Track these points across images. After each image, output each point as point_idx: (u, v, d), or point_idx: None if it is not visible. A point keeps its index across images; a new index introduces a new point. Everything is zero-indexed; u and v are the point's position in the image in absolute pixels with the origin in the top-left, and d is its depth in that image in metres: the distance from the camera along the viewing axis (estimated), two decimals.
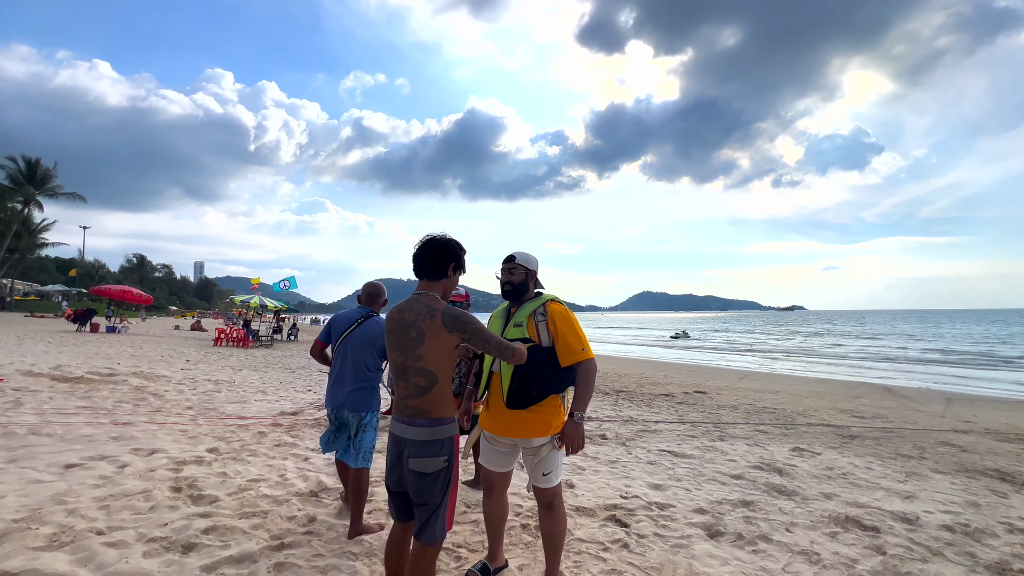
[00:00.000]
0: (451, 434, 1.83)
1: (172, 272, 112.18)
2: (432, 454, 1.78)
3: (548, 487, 2.26)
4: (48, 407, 5.43)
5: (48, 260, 59.05)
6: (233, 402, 6.73)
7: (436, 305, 1.84)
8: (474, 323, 1.84)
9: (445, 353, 1.82)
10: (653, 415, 7.55)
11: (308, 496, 3.32)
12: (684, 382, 13.35)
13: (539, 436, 2.22)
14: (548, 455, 2.23)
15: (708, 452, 5.15)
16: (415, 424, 1.80)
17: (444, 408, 1.83)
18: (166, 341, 18.09)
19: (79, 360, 9.93)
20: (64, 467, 3.50)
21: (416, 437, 1.79)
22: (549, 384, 2.23)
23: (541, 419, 2.23)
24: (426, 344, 1.79)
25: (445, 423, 1.82)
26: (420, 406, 1.81)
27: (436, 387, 1.80)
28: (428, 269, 1.90)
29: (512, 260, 2.39)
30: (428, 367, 1.80)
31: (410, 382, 1.82)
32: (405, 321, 1.85)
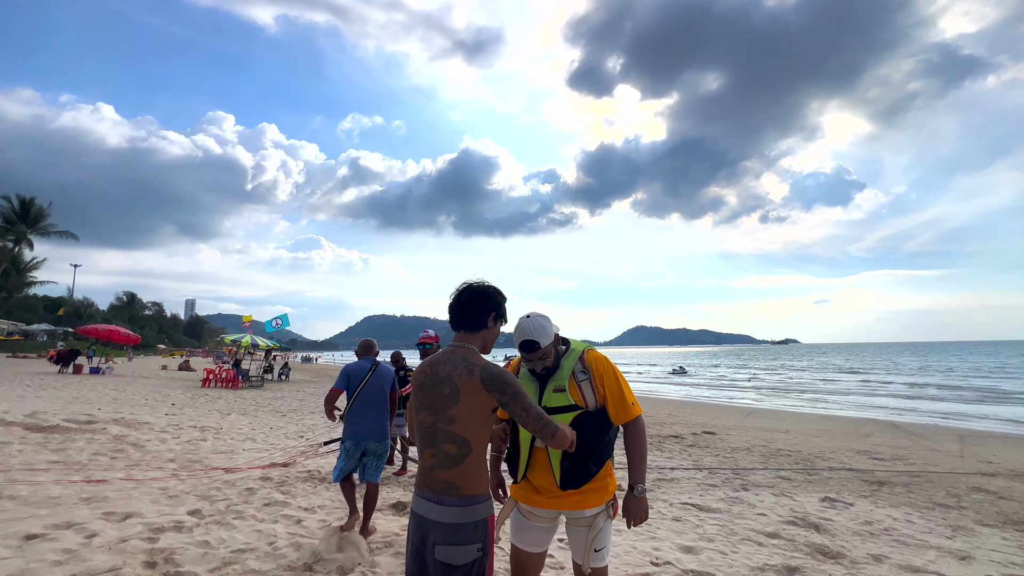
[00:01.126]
0: (486, 515, 1.54)
1: (163, 310, 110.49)
2: (464, 540, 1.48)
3: (601, 566, 1.93)
4: (16, 461, 4.98)
5: (36, 299, 57.99)
6: (220, 452, 6.28)
7: (475, 360, 1.60)
8: (515, 385, 1.55)
9: (482, 417, 1.56)
10: (667, 460, 7.15)
11: (301, 570, 2.92)
12: (690, 421, 12.93)
13: (595, 505, 1.90)
14: (604, 527, 1.92)
15: (735, 505, 4.78)
16: (443, 503, 1.51)
17: (478, 483, 1.55)
18: (152, 383, 17.43)
19: (57, 406, 9.39)
20: (23, 538, 3.08)
21: (444, 519, 1.50)
22: (604, 454, 1.92)
23: (599, 488, 1.92)
24: (461, 404, 1.54)
25: (479, 501, 1.54)
26: (450, 480, 1.52)
27: (470, 457, 1.53)
28: (466, 320, 1.68)
29: (536, 348, 1.90)
30: (461, 432, 1.53)
31: (439, 449, 1.55)
32: (439, 376, 1.60)
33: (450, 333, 1.85)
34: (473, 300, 1.69)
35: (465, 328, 1.68)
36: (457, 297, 1.72)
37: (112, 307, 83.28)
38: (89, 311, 68.12)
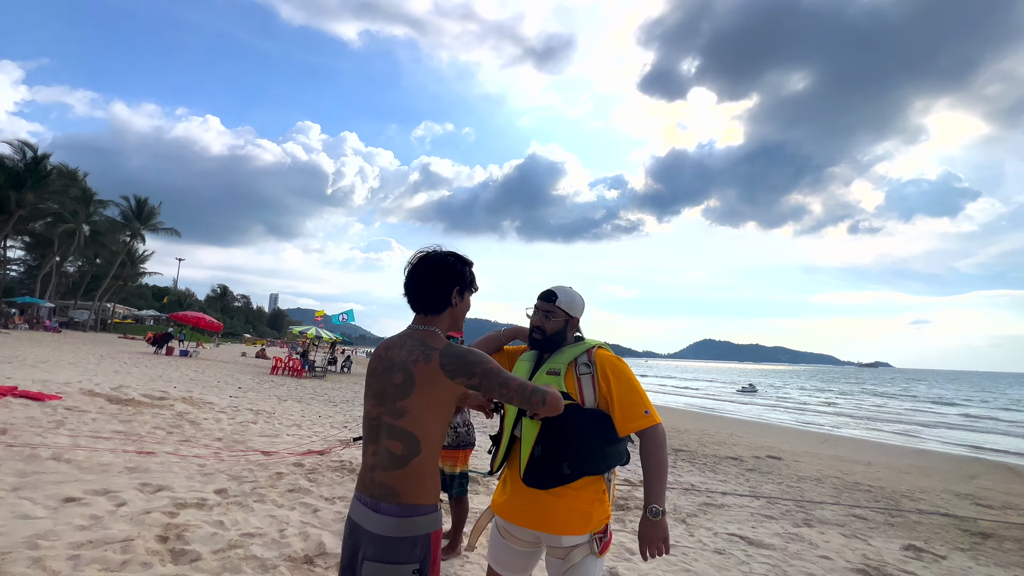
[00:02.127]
0: (428, 530, 1.28)
1: (250, 302, 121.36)
2: (397, 559, 1.23)
3: None
4: (86, 428, 5.44)
5: (146, 288, 65.51)
6: (265, 435, 6.53)
7: (433, 342, 1.35)
8: (485, 362, 1.32)
9: (438, 410, 1.32)
10: (719, 484, 6.51)
11: (301, 562, 2.84)
12: (754, 443, 11.87)
13: (573, 533, 1.59)
14: (583, 562, 1.58)
15: (793, 542, 4.17)
16: (379, 510, 1.27)
17: (424, 491, 1.30)
18: (229, 367, 18.90)
19: (141, 382, 10.35)
20: (62, 501, 3.27)
21: (378, 530, 1.26)
22: (587, 461, 1.60)
23: (577, 508, 1.60)
24: (414, 395, 1.29)
25: (421, 513, 1.28)
26: (390, 483, 1.28)
27: (416, 459, 1.28)
28: (424, 301, 1.42)
29: (552, 299, 1.78)
30: (410, 428, 1.29)
31: (381, 446, 1.31)
32: (392, 361, 1.36)
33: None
34: (430, 275, 1.41)
35: (425, 311, 1.43)
36: (411, 273, 1.44)
37: (208, 297, 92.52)
38: (188, 300, 75.91)
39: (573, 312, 1.81)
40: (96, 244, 41.77)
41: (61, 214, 35.07)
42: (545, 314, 1.79)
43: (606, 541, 1.63)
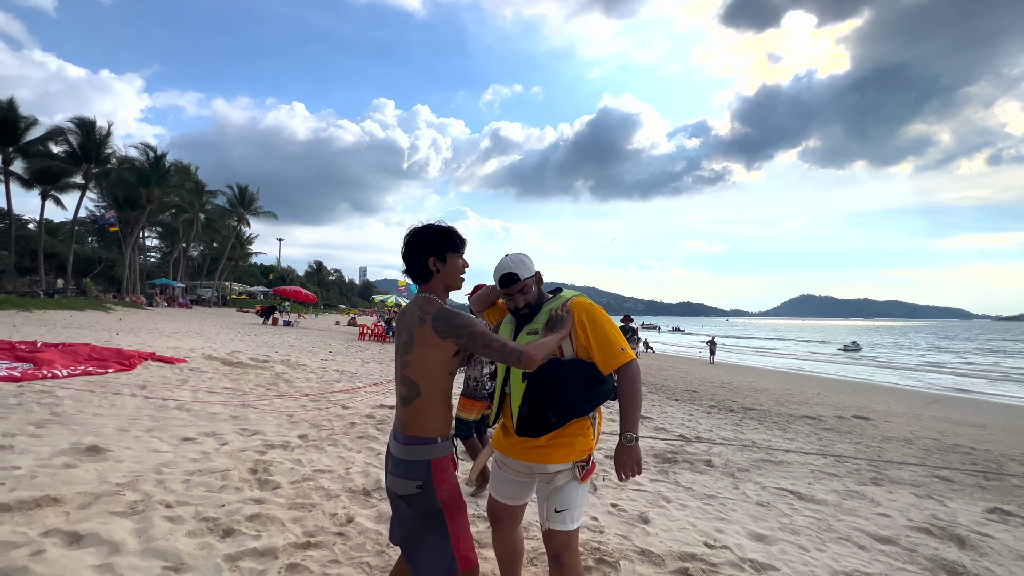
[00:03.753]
0: (428, 457, 1.58)
1: (342, 276, 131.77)
2: (403, 474, 1.58)
3: (561, 529, 1.77)
4: (203, 386, 6.49)
5: (254, 266, 73.49)
6: (346, 391, 7.33)
7: (429, 307, 1.63)
8: (471, 326, 1.57)
9: (436, 362, 1.60)
10: (785, 441, 6.27)
11: (359, 494, 3.29)
12: (842, 403, 11.07)
13: (557, 462, 1.78)
14: (566, 486, 1.77)
15: (849, 499, 4.00)
16: (396, 438, 1.65)
17: (426, 426, 1.60)
18: (323, 335, 20.97)
19: (249, 348, 11.91)
20: (181, 440, 4.04)
21: (395, 453, 1.63)
22: (572, 408, 1.77)
23: (561, 442, 1.80)
24: (414, 351, 1.60)
25: (423, 443, 1.59)
26: (402, 418, 1.64)
27: (417, 400, 1.60)
28: (412, 273, 1.71)
29: (515, 280, 1.84)
30: (412, 376, 1.61)
31: (398, 390, 1.68)
32: (402, 323, 1.70)
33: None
34: (407, 252, 1.69)
35: (417, 282, 1.71)
36: (402, 250, 1.71)
37: (306, 273, 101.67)
38: (290, 276, 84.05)
39: (532, 272, 1.89)
40: (211, 230, 47.36)
41: (181, 205, 40.08)
42: (521, 293, 1.86)
43: (588, 469, 1.80)
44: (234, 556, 2.34)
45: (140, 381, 6.25)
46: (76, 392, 5.28)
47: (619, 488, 3.86)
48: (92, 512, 2.60)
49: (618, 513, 3.36)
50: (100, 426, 4.17)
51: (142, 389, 5.79)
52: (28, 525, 2.39)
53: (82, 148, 30.82)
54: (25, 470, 3.04)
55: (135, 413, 4.70)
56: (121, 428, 4.17)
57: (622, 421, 1.80)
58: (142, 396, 5.44)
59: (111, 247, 44.56)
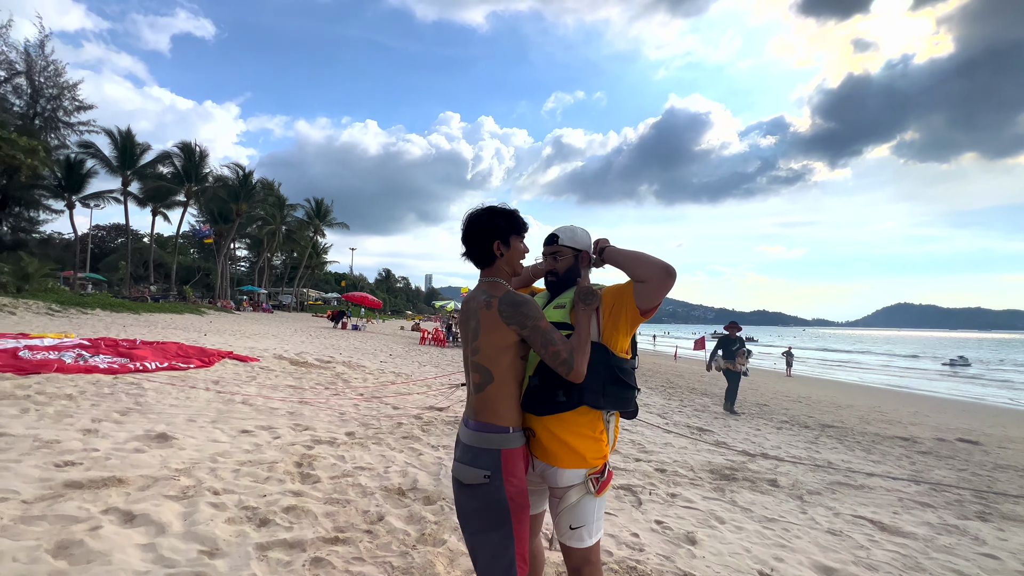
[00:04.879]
0: (499, 447, 1.53)
1: (409, 283, 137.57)
2: (471, 461, 1.54)
3: (577, 547, 1.63)
4: (269, 383, 6.92)
5: (329, 274, 78.48)
6: (399, 393, 7.51)
7: (494, 291, 1.60)
8: (536, 319, 1.53)
9: (503, 347, 1.56)
10: (869, 464, 5.58)
11: (394, 493, 3.30)
12: (944, 424, 9.75)
13: (566, 466, 1.61)
14: (579, 501, 1.61)
15: (945, 534, 3.44)
16: (467, 425, 1.63)
17: (498, 413, 1.57)
18: (387, 339, 21.84)
19: (317, 349, 12.62)
20: (239, 432, 4.29)
21: (465, 439, 1.60)
22: (584, 392, 1.59)
23: (570, 443, 1.61)
24: (482, 336, 1.58)
25: (495, 431, 1.55)
26: (474, 405, 1.62)
27: (490, 386, 1.57)
28: (475, 257, 1.67)
29: (554, 241, 1.82)
30: (483, 363, 1.58)
31: (470, 377, 1.65)
32: (468, 310, 1.67)
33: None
34: (472, 235, 1.64)
35: (480, 266, 1.67)
36: (463, 233, 1.66)
37: (376, 280, 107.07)
38: (361, 284, 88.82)
39: (578, 245, 1.82)
40: (291, 241, 51.25)
41: (265, 218, 43.74)
42: (553, 256, 1.83)
43: (604, 481, 1.64)
44: (265, 545, 2.40)
45: (215, 377, 6.77)
46: (160, 385, 5.81)
47: (666, 504, 3.58)
48: (148, 494, 2.79)
49: (662, 531, 3.11)
50: (172, 416, 4.53)
51: (215, 384, 6.27)
52: (92, 502, 2.60)
53: (184, 169, 34.63)
54: (102, 452, 3.34)
55: (204, 406, 5.08)
56: (189, 419, 4.51)
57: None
58: (214, 390, 5.88)
59: (208, 257, 49.49)
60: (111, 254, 45.73)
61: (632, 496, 3.69)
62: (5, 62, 27.92)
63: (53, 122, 30.09)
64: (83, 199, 31.47)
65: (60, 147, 29.74)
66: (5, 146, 20.03)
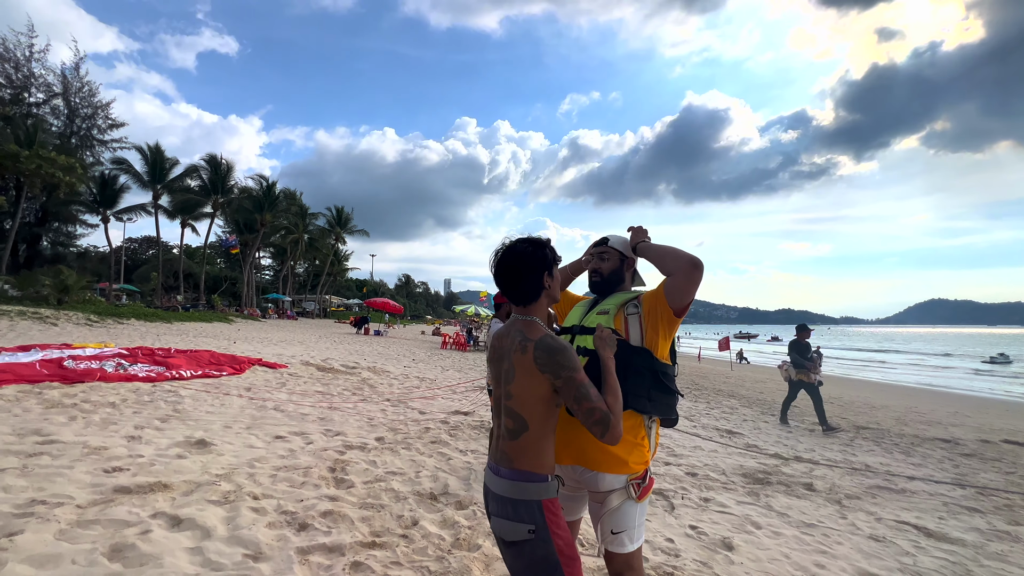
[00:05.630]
0: (539, 497, 1.41)
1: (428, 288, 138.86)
2: (512, 516, 1.41)
3: (619, 552, 1.63)
4: (298, 389, 7.06)
5: (350, 281, 79.74)
6: (424, 398, 7.58)
7: (532, 334, 1.47)
8: (572, 369, 1.40)
9: (538, 396, 1.44)
10: (909, 467, 5.39)
11: (426, 497, 3.34)
12: (987, 425, 9.36)
13: (607, 471, 1.62)
14: (621, 506, 1.62)
15: (997, 540, 3.31)
16: (499, 473, 1.47)
17: (535, 461, 1.44)
18: (409, 343, 22.06)
19: (342, 355, 12.83)
20: (274, 437, 4.39)
21: (498, 490, 1.46)
22: (628, 395, 1.60)
23: (609, 448, 1.62)
24: (516, 381, 1.46)
25: (531, 480, 1.42)
26: (507, 452, 1.47)
27: (526, 434, 1.45)
28: (519, 295, 1.52)
29: (604, 243, 1.94)
30: (517, 409, 1.46)
31: (502, 420, 1.52)
32: (502, 350, 1.55)
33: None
34: (516, 271, 1.50)
35: (523, 303, 1.53)
36: (498, 272, 1.53)
37: (396, 286, 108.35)
38: (382, 290, 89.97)
39: (626, 251, 1.91)
40: (313, 249, 52.26)
41: (288, 227, 44.74)
42: (600, 256, 1.92)
43: (645, 486, 1.65)
44: (305, 550, 2.46)
45: (247, 384, 6.95)
46: (195, 392, 5.99)
47: (700, 509, 3.53)
48: (192, 499, 2.88)
49: (697, 536, 3.07)
50: (209, 422, 4.67)
51: (247, 391, 6.44)
52: (141, 507, 2.70)
53: (211, 182, 35.72)
54: (146, 458, 3.47)
55: (239, 412, 5.22)
56: (226, 425, 4.64)
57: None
58: (247, 397, 6.03)
59: (234, 267, 50.83)
60: (143, 265, 47.38)
61: (665, 501, 3.65)
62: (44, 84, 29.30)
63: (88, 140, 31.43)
64: (117, 213, 32.72)
65: (95, 164, 31.04)
66: (45, 165, 20.99)
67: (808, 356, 7.86)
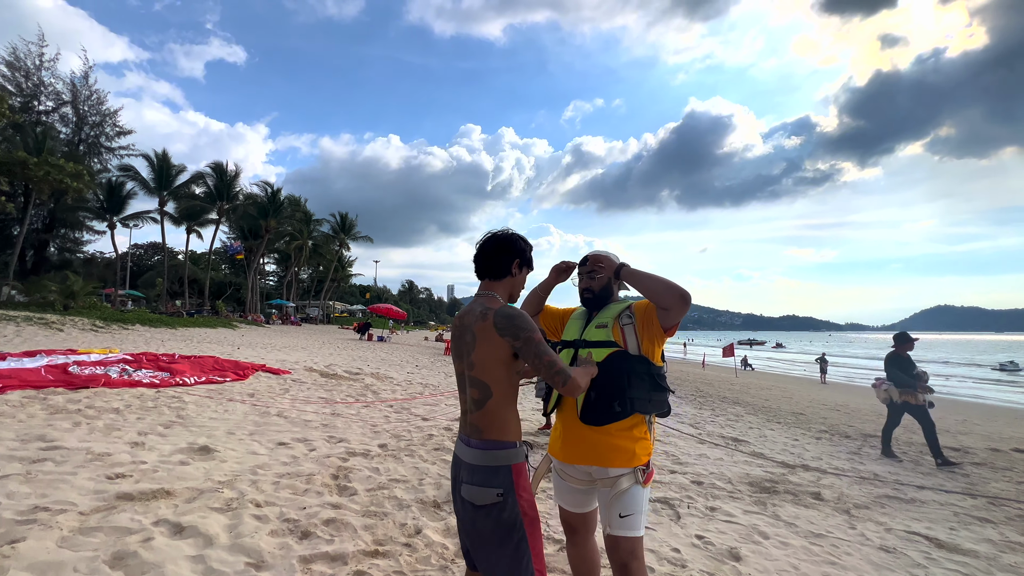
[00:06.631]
0: (509, 462, 1.51)
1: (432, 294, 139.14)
2: (483, 482, 1.50)
3: (626, 535, 1.72)
4: (302, 395, 7.05)
5: (354, 286, 79.96)
6: (427, 404, 7.55)
7: (491, 304, 1.61)
8: (529, 330, 1.51)
9: (500, 360, 1.54)
10: (918, 477, 5.32)
11: (430, 505, 3.31)
12: (997, 433, 9.24)
13: (619, 465, 1.77)
14: (630, 489, 1.74)
15: (1010, 552, 3.25)
16: (469, 444, 1.56)
17: (502, 429, 1.54)
18: (412, 349, 22.04)
19: (345, 361, 12.83)
20: (276, 444, 4.38)
21: (469, 459, 1.55)
22: (636, 401, 1.78)
23: (622, 446, 1.78)
24: (477, 349, 1.55)
25: (502, 447, 1.52)
26: (476, 423, 1.57)
27: (490, 401, 1.54)
28: (490, 267, 1.67)
29: (585, 263, 2.05)
30: (480, 377, 1.55)
31: (467, 394, 1.61)
32: (464, 325, 1.64)
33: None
34: (498, 247, 1.67)
35: (489, 276, 1.68)
36: (481, 246, 1.70)
37: (399, 292, 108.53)
38: (385, 295, 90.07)
39: (612, 264, 2.00)
40: (317, 255, 52.45)
41: (293, 234, 44.94)
42: (590, 275, 2.00)
43: (649, 473, 1.80)
44: (308, 558, 2.43)
45: (250, 389, 6.95)
46: (199, 398, 5.99)
47: (706, 518, 3.48)
48: (195, 506, 2.87)
49: (704, 546, 3.02)
50: (213, 429, 4.66)
51: (251, 397, 6.43)
52: (144, 514, 2.69)
53: (217, 189, 35.96)
54: (149, 465, 3.46)
55: (242, 419, 5.21)
56: (229, 431, 4.63)
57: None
58: (250, 403, 6.03)
59: (239, 273, 51.06)
60: (148, 271, 47.68)
61: (671, 510, 3.61)
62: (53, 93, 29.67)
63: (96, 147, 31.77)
64: (123, 219, 32.98)
65: (102, 171, 31.34)
66: (54, 171, 21.20)
67: (912, 372, 6.46)
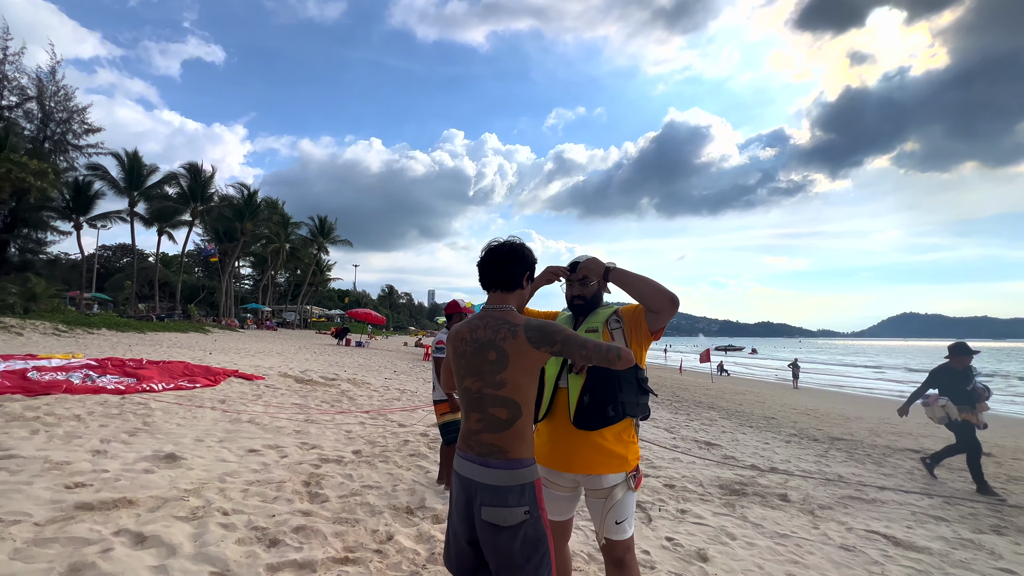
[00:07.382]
0: (532, 479, 1.49)
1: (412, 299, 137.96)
2: (510, 503, 1.44)
3: (621, 539, 1.79)
4: (275, 401, 6.92)
5: (332, 291, 78.71)
6: (404, 410, 7.49)
7: (515, 320, 1.55)
8: (562, 331, 1.50)
9: (533, 376, 1.53)
10: (880, 477, 5.52)
11: (402, 512, 3.29)
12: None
13: (612, 472, 1.80)
14: (623, 498, 1.80)
15: (961, 548, 3.40)
16: (488, 465, 1.48)
17: (525, 447, 1.51)
18: (391, 355, 21.81)
19: (322, 367, 12.62)
20: (247, 451, 4.29)
21: (490, 481, 1.47)
22: (627, 406, 1.83)
23: (613, 452, 1.81)
24: (511, 368, 1.49)
25: (525, 465, 1.49)
26: (497, 443, 1.49)
27: (519, 421, 1.50)
28: (503, 278, 1.61)
29: (574, 268, 2.05)
30: (512, 395, 1.49)
31: (487, 414, 1.52)
32: (480, 341, 1.55)
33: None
34: (511, 258, 1.61)
35: (501, 288, 1.62)
36: (492, 254, 1.62)
37: (379, 297, 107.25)
38: (364, 300, 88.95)
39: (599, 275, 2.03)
40: (295, 259, 51.54)
41: (269, 237, 44.09)
42: (581, 282, 2.02)
43: (638, 477, 1.86)
44: (275, 566, 2.39)
45: (221, 396, 6.78)
46: (167, 405, 5.82)
47: (676, 520, 3.55)
48: (159, 515, 2.79)
49: (673, 548, 3.08)
50: (180, 436, 4.54)
51: (222, 403, 6.28)
52: (104, 524, 2.61)
53: (191, 190, 35.10)
54: (111, 473, 3.35)
55: (212, 425, 5.09)
56: (197, 438, 4.52)
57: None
58: (220, 410, 5.89)
59: (213, 276, 49.79)
60: (116, 274, 46.09)
61: (642, 513, 3.67)
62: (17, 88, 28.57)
63: (62, 145, 30.64)
64: (90, 220, 31.85)
65: (69, 169, 30.22)
66: (16, 169, 20.38)
67: (967, 389, 5.54)
